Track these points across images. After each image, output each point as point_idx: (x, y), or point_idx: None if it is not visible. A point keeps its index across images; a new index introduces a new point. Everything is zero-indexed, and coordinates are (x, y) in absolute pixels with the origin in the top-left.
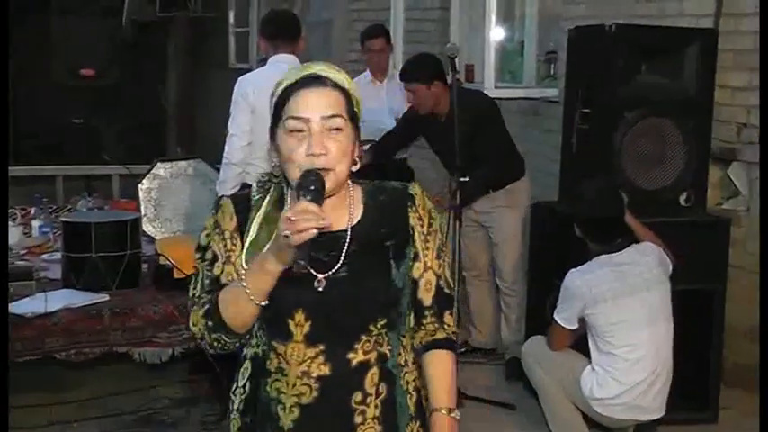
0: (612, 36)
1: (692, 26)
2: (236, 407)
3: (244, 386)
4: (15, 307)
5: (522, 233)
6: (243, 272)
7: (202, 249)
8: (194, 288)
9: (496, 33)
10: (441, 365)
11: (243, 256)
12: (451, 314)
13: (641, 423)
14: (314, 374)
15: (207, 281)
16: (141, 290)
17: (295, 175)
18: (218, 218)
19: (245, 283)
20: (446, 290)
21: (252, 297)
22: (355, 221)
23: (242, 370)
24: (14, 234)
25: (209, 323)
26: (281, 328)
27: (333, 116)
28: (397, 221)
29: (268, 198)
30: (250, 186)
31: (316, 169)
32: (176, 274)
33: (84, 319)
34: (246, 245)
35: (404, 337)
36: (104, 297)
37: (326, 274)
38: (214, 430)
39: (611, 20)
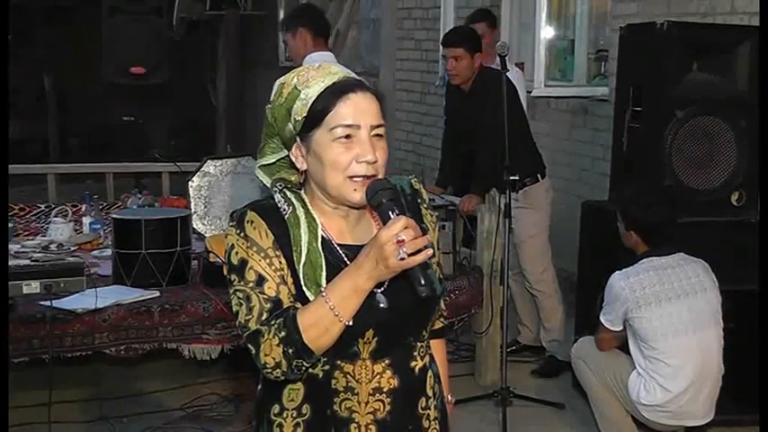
0: (664, 34)
1: (743, 24)
2: (289, 431)
3: (298, 409)
4: (65, 303)
5: (546, 234)
6: (325, 293)
7: (238, 270)
8: (247, 315)
9: (547, 31)
10: (439, 354)
11: (302, 278)
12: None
13: (690, 427)
14: (385, 389)
15: (267, 305)
16: (191, 287)
17: (337, 181)
18: (249, 233)
19: (331, 304)
20: (442, 278)
21: (342, 319)
22: None
23: (288, 392)
24: (65, 230)
25: (290, 350)
26: (349, 347)
27: (380, 124)
28: (417, 219)
29: (301, 211)
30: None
31: (372, 179)
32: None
33: (134, 315)
34: (302, 267)
35: None
36: (154, 294)
37: (381, 289)
38: None
39: (662, 18)
